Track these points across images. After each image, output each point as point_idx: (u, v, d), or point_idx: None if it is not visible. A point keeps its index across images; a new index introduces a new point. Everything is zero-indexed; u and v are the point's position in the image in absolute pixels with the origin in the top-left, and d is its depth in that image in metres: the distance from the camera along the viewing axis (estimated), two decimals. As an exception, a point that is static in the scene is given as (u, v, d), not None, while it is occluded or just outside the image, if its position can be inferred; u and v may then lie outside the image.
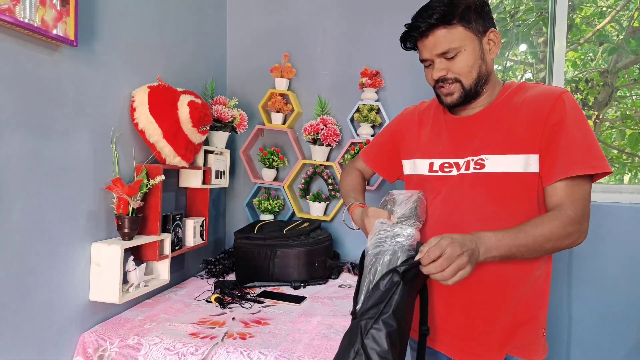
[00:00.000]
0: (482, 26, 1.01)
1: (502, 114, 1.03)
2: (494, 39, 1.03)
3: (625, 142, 2.58)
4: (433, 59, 1.03)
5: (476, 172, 1.02)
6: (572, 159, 0.93)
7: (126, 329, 1.22)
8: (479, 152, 1.03)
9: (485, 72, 1.03)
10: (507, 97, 1.05)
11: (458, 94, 1.04)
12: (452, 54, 1.00)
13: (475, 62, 1.01)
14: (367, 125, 1.92)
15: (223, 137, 1.81)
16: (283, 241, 1.68)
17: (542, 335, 1.05)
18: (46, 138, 1.08)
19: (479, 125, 1.06)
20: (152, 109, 1.35)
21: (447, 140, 1.11)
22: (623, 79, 2.67)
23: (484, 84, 1.05)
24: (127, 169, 1.37)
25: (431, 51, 1.02)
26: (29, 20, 0.97)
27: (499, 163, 0.99)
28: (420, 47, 1.06)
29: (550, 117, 0.96)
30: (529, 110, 0.99)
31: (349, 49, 2.00)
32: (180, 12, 1.67)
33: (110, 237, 1.31)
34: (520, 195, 0.98)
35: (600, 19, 2.68)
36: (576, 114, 0.96)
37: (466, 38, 0.99)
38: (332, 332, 1.25)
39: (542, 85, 1.04)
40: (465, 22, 0.99)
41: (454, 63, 1.01)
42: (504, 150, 0.99)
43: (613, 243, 1.78)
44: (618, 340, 1.79)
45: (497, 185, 0.99)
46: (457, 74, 1.02)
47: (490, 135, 1.03)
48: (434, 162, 1.11)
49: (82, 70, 1.19)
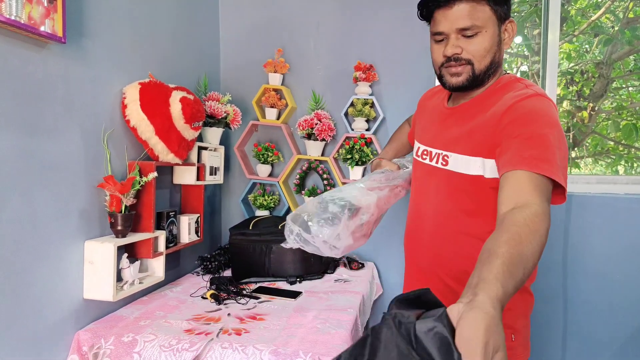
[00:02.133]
0: (505, 12, 0.95)
1: (475, 111, 0.99)
2: (509, 30, 0.98)
3: (620, 134, 2.58)
4: (450, 33, 0.94)
5: (441, 168, 1.02)
6: (521, 154, 0.82)
7: (121, 327, 1.22)
8: (446, 148, 1.02)
9: (497, 61, 0.98)
10: (487, 93, 1.00)
11: (466, 76, 0.96)
12: (472, 31, 0.92)
13: (492, 47, 0.95)
14: (361, 119, 1.92)
15: (217, 133, 1.80)
16: (278, 237, 1.67)
17: (510, 339, 0.96)
18: (37, 136, 1.08)
19: (455, 119, 1.03)
20: (143, 105, 1.34)
21: (432, 128, 1.11)
22: (619, 70, 2.67)
23: (492, 73, 0.99)
24: (120, 167, 1.37)
25: (452, 24, 0.93)
26: (15, 17, 0.96)
27: (458, 162, 0.98)
28: (439, 17, 0.95)
29: (504, 117, 0.89)
30: (493, 112, 0.93)
31: (343, 43, 1.99)
32: (171, 7, 1.66)
33: (103, 235, 1.30)
34: (476, 197, 0.96)
35: (596, 11, 2.67)
36: (538, 115, 0.87)
37: (490, 20, 0.93)
38: (327, 326, 1.25)
39: (523, 87, 0.95)
40: (494, 3, 0.93)
41: (472, 43, 0.94)
42: (463, 150, 0.97)
43: (607, 234, 1.79)
44: (614, 331, 1.80)
45: (456, 185, 0.98)
46: (471, 55, 0.95)
47: (457, 132, 1.00)
48: (420, 147, 1.13)
49: (72, 67, 1.18)
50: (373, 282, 1.82)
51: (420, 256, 1.11)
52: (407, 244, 1.18)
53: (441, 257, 1.04)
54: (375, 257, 1.99)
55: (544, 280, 1.82)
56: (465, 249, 0.99)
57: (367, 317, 1.63)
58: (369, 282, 1.74)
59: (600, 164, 2.82)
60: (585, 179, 1.87)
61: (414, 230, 1.14)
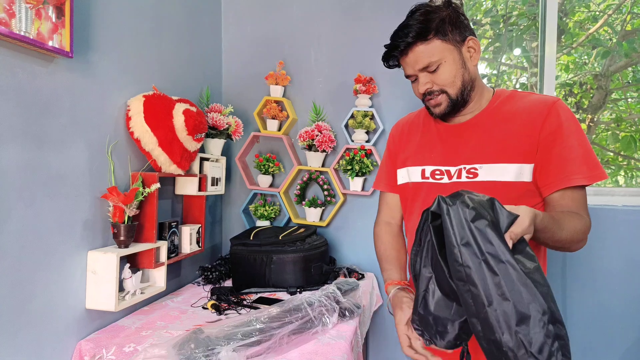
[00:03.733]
0: (459, 36, 1.04)
1: (495, 123, 1.05)
2: (473, 46, 1.06)
3: (619, 145, 2.60)
4: (416, 74, 1.07)
5: (470, 181, 1.03)
6: (571, 169, 0.95)
7: (122, 337, 1.23)
8: (471, 161, 1.04)
9: (469, 79, 1.06)
10: (498, 105, 1.08)
11: (445, 104, 1.07)
12: (433, 67, 1.03)
13: (457, 71, 1.04)
14: (361, 131, 1.94)
15: (219, 144, 1.83)
16: (279, 247, 1.69)
17: None
18: (42, 148, 1.10)
19: (471, 134, 1.08)
20: (147, 117, 1.37)
21: (438, 148, 1.13)
22: (617, 81, 2.69)
23: (470, 90, 1.07)
24: (123, 178, 1.39)
25: (413, 67, 1.06)
26: (24, 33, 0.99)
27: (492, 172, 1.01)
28: (403, 64, 1.10)
29: (545, 126, 0.98)
30: (523, 120, 1.01)
31: (343, 56, 2.03)
32: (175, 21, 1.70)
33: (106, 245, 1.32)
34: (513, 204, 0.99)
35: (593, 23, 2.71)
36: (571, 123, 0.98)
37: (445, 50, 1.02)
38: (327, 337, 1.26)
39: (533, 94, 1.07)
40: (442, 35, 1.02)
41: (437, 75, 1.04)
42: (497, 160, 1.01)
43: (606, 245, 1.80)
44: (613, 342, 1.80)
45: (491, 194, 1.00)
46: (442, 86, 1.05)
47: (482, 144, 1.04)
48: (425, 169, 1.13)
49: (78, 81, 1.21)
50: (373, 293, 1.83)
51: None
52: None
53: None
54: (375, 268, 2.00)
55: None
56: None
57: (367, 328, 1.63)
58: (369, 293, 1.75)
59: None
60: (583, 191, 1.88)
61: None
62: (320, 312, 1.27)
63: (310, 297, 1.30)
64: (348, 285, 1.46)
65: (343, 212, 2.05)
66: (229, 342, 1.07)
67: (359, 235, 2.02)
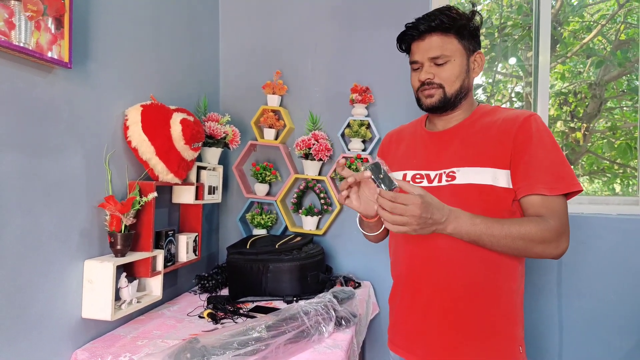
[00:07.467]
0: (472, 45, 1.11)
1: (474, 131, 1.10)
2: (479, 60, 1.13)
3: (615, 153, 2.62)
4: (423, 62, 1.10)
5: (448, 184, 1.06)
6: (536, 178, 0.99)
7: (118, 346, 1.23)
8: (450, 165, 1.08)
9: (466, 87, 1.12)
10: (479, 117, 1.13)
11: (438, 98, 1.10)
12: (442, 60, 1.08)
13: (460, 74, 1.09)
14: (357, 140, 1.96)
15: (216, 153, 1.83)
16: (275, 256, 1.69)
17: (518, 352, 1.06)
18: (40, 157, 1.11)
19: (452, 140, 1.12)
20: (144, 127, 1.38)
21: (420, 154, 1.17)
22: (612, 90, 2.72)
23: (462, 98, 1.12)
24: (120, 186, 1.39)
25: (424, 54, 1.09)
26: (24, 44, 1.00)
27: (468, 175, 1.04)
28: (414, 49, 1.12)
29: (518, 136, 1.02)
30: (499, 129, 1.06)
31: (340, 66, 2.05)
32: (173, 32, 1.71)
33: (102, 254, 1.32)
34: (489, 207, 1.02)
35: (588, 33, 2.74)
36: (543, 135, 1.02)
37: (457, 50, 1.08)
38: (323, 346, 1.26)
39: (513, 109, 1.12)
40: (460, 37, 1.08)
41: (442, 70, 1.09)
42: (473, 164, 1.05)
43: (600, 254, 1.81)
44: (608, 349, 1.80)
45: (467, 197, 1.03)
46: (442, 81, 1.09)
47: (461, 150, 1.09)
48: (407, 174, 1.17)
49: (76, 91, 1.22)
50: (369, 302, 1.83)
51: (440, 278, 1.09)
52: (413, 270, 1.14)
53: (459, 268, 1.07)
54: (372, 277, 2.00)
55: (539, 299, 1.83)
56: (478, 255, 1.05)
57: (363, 337, 1.63)
58: (366, 302, 1.75)
59: (597, 182, 2.85)
60: (577, 200, 1.90)
61: (419, 255, 1.11)
62: (316, 321, 1.27)
63: (306, 305, 1.30)
64: (344, 293, 1.47)
65: (340, 221, 2.06)
66: (225, 351, 1.07)
67: (356, 243, 2.02)
